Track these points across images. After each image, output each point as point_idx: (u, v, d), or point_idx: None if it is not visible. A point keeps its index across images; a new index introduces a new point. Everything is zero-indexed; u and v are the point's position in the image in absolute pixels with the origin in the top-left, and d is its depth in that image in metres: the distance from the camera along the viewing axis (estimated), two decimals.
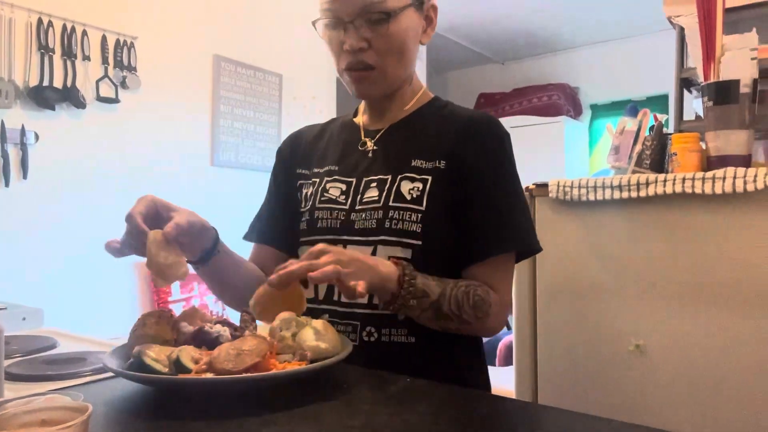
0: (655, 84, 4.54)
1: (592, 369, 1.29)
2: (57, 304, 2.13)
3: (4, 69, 2.34)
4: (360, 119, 1.03)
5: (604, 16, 4.40)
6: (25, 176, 2.39)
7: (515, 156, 0.95)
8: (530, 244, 0.91)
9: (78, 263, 2.51)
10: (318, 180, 1.00)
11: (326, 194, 0.97)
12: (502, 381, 1.61)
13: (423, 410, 0.63)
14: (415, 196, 0.89)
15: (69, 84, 2.53)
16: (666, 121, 1.50)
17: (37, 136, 2.44)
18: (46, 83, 2.45)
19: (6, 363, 0.79)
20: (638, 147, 1.35)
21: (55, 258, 2.45)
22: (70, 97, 2.52)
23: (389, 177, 0.92)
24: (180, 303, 2.84)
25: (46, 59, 2.46)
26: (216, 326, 0.73)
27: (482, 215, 0.89)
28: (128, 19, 2.78)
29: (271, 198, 1.08)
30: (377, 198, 0.91)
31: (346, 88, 0.97)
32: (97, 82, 2.65)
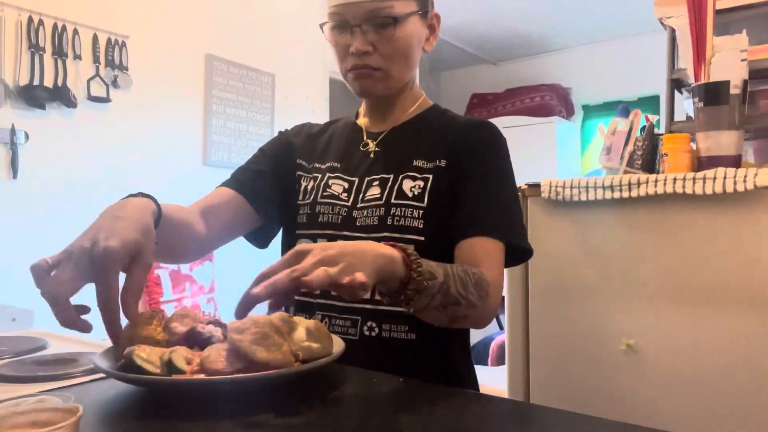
0: (647, 85, 4.58)
1: (584, 368, 1.29)
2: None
3: None
4: (362, 121, 1.05)
5: (596, 17, 4.43)
6: (15, 176, 2.37)
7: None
8: (519, 238, 0.91)
9: None
10: (319, 175, 1.00)
11: (328, 190, 0.97)
12: (494, 381, 1.61)
13: (416, 411, 0.63)
14: (416, 193, 0.91)
15: (60, 83, 2.51)
16: (657, 121, 1.51)
17: (27, 136, 2.42)
18: (36, 82, 2.44)
19: None
20: (630, 147, 1.35)
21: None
22: (60, 96, 2.50)
23: (391, 176, 0.94)
24: (172, 303, 2.82)
25: (37, 58, 2.44)
26: (208, 326, 0.73)
27: (473, 199, 0.90)
28: (120, 18, 2.76)
29: (264, 160, 1.05)
30: (379, 195, 0.92)
31: (349, 88, 0.98)
32: (89, 81, 2.63)
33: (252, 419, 0.59)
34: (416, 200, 0.90)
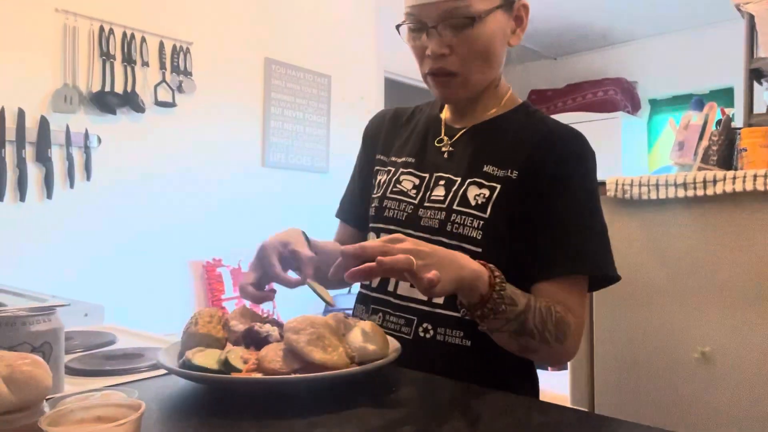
0: (719, 76, 4.31)
1: (653, 377, 1.22)
2: (117, 300, 2.22)
3: (68, 76, 2.47)
4: (444, 114, 1.02)
5: (662, 6, 4.22)
6: (88, 178, 2.51)
7: None
8: (604, 269, 0.86)
9: (137, 261, 2.61)
10: (393, 169, 1.00)
11: (399, 185, 0.97)
12: (554, 385, 1.56)
13: (474, 417, 0.61)
14: (479, 202, 0.87)
15: (129, 89, 2.63)
16: (734, 114, 1.41)
17: (99, 140, 2.55)
18: (107, 89, 2.57)
19: (67, 358, 0.83)
20: (704, 142, 1.27)
21: (116, 256, 2.56)
22: (130, 101, 2.62)
23: (458, 179, 0.91)
24: (233, 300, 2.91)
25: (108, 66, 2.57)
26: (266, 326, 0.73)
27: (555, 233, 0.85)
28: (184, 26, 2.87)
29: (355, 178, 1.11)
30: (442, 198, 0.90)
31: (430, 90, 0.95)
32: (155, 86, 2.75)
33: (308, 420, 0.58)
34: (479, 210, 0.87)
